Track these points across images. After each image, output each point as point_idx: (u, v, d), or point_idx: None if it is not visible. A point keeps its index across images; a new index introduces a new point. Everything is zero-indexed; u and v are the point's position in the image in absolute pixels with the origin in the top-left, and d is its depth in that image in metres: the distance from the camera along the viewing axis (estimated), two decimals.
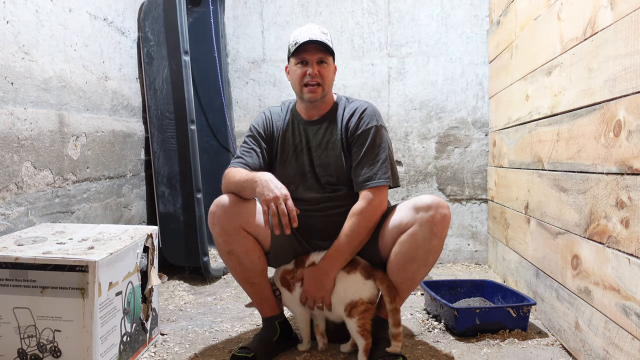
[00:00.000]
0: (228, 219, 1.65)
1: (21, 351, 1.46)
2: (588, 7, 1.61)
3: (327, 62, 1.74)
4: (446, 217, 1.58)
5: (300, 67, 1.72)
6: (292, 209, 1.54)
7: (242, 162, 1.76)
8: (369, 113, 1.75)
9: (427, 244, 1.59)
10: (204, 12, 3.09)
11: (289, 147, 1.82)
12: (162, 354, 1.79)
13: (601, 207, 1.50)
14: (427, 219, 1.57)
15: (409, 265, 1.63)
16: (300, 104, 1.83)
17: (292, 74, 1.77)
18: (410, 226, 1.61)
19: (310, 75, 1.71)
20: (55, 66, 2.01)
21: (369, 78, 3.21)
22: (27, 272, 1.44)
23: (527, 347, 1.82)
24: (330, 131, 1.78)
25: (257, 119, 1.88)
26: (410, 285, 1.67)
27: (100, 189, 2.37)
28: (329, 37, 1.76)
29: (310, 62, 1.71)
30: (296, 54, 1.72)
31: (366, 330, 1.62)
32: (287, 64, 1.81)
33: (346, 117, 1.78)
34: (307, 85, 1.72)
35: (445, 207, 1.59)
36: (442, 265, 3.19)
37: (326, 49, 1.72)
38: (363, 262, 1.69)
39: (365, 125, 1.73)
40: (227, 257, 1.71)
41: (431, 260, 1.64)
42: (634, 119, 1.31)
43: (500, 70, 2.79)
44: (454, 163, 3.19)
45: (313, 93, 1.72)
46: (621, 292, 1.37)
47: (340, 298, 1.65)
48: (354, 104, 1.81)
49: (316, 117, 1.81)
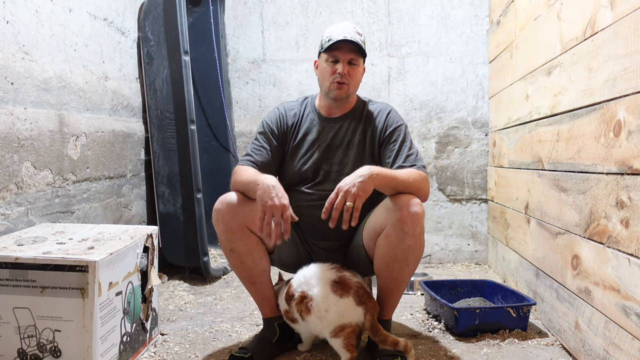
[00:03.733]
0: (232, 216, 1.65)
1: (21, 351, 1.46)
2: (588, 7, 1.61)
3: (358, 63, 1.76)
4: (416, 214, 1.55)
5: (331, 64, 1.74)
6: (287, 219, 1.52)
7: (251, 161, 1.77)
8: (395, 113, 1.83)
9: (402, 244, 1.58)
10: (204, 12, 3.09)
11: (305, 143, 1.82)
12: (162, 354, 1.79)
13: (601, 207, 1.50)
14: (398, 219, 1.56)
15: (391, 266, 1.63)
16: (323, 100, 1.84)
17: (322, 70, 1.78)
18: (383, 227, 1.61)
19: (340, 74, 1.72)
20: (55, 66, 2.01)
21: (369, 78, 3.21)
22: (27, 272, 1.44)
23: (527, 347, 1.82)
24: (352, 130, 1.81)
25: (269, 115, 1.88)
26: (399, 285, 1.67)
27: (100, 189, 2.37)
28: (364, 38, 1.77)
29: (342, 61, 1.73)
30: (328, 50, 1.73)
31: (352, 345, 1.58)
32: (316, 59, 1.83)
33: (370, 117, 1.81)
34: (334, 82, 1.74)
35: (415, 204, 1.56)
36: (442, 265, 3.19)
37: (359, 50, 1.73)
38: (355, 284, 1.60)
39: (395, 124, 1.79)
40: (229, 254, 1.71)
41: (412, 259, 1.62)
42: (634, 119, 1.31)
43: (500, 70, 2.79)
44: (454, 163, 3.19)
45: (339, 90, 1.75)
46: (621, 292, 1.37)
47: (329, 321, 1.58)
48: (376, 105, 1.86)
49: (337, 115, 1.82)
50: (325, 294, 1.58)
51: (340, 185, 1.52)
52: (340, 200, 1.49)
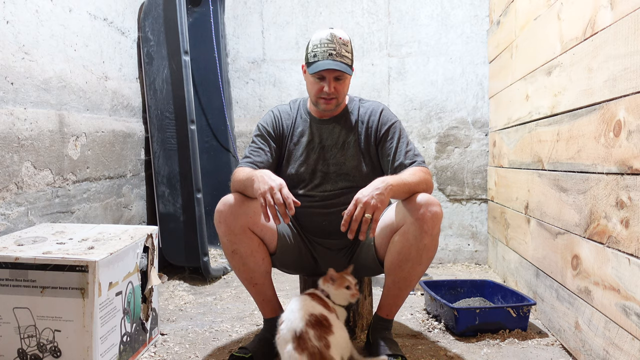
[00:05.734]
0: (234, 218, 1.65)
1: (21, 351, 1.46)
2: (588, 7, 1.61)
3: (344, 77, 1.75)
4: (436, 214, 1.58)
5: (318, 81, 1.73)
6: (287, 196, 1.49)
7: (250, 161, 1.77)
8: (387, 111, 1.84)
9: (419, 242, 1.59)
10: (204, 12, 3.09)
11: (301, 145, 1.83)
12: (162, 354, 1.79)
13: (601, 207, 1.50)
14: (417, 217, 1.57)
15: (403, 265, 1.63)
16: (313, 105, 1.84)
17: (308, 83, 1.79)
18: (401, 225, 1.62)
19: (326, 92, 1.72)
20: (55, 66, 2.01)
21: (369, 78, 3.21)
22: (27, 272, 1.44)
23: (527, 347, 1.82)
24: (346, 131, 1.82)
25: (264, 118, 1.88)
26: (408, 284, 1.68)
27: (100, 189, 2.37)
28: (350, 47, 1.75)
29: (328, 79, 1.72)
30: (314, 69, 1.71)
31: None
32: (304, 64, 1.80)
33: (363, 117, 1.82)
34: (321, 97, 1.74)
35: (435, 204, 1.58)
36: (442, 265, 3.19)
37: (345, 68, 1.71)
38: (311, 348, 1.44)
39: (389, 121, 1.80)
40: (231, 256, 1.71)
41: (425, 258, 1.63)
42: (634, 119, 1.31)
43: (500, 70, 2.79)
44: (454, 163, 3.19)
45: (328, 104, 1.76)
46: (621, 292, 1.37)
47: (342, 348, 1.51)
48: (368, 104, 1.86)
49: (330, 116, 1.84)
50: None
51: (358, 197, 1.50)
52: (359, 212, 1.48)
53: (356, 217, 1.47)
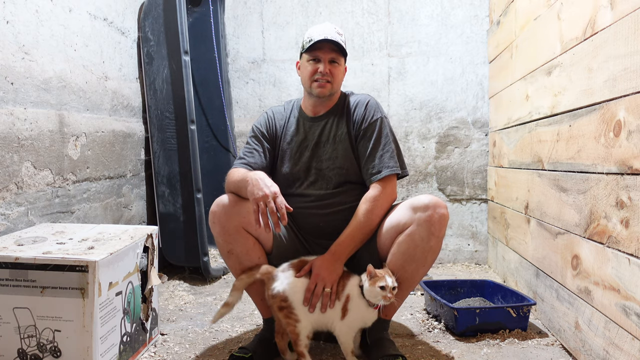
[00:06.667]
0: (228, 218, 1.66)
1: (21, 351, 1.46)
2: (588, 7, 1.61)
3: (339, 62, 1.79)
4: (444, 216, 1.59)
5: (313, 63, 1.77)
6: (281, 206, 1.52)
7: (244, 163, 1.78)
8: (372, 105, 1.82)
9: (425, 244, 1.59)
10: (204, 12, 3.09)
11: (294, 144, 1.84)
12: (162, 354, 1.79)
13: (601, 207, 1.50)
14: (425, 219, 1.58)
15: (407, 265, 1.63)
16: (308, 100, 1.86)
17: (303, 70, 1.82)
18: (408, 226, 1.62)
19: (321, 72, 1.76)
20: (55, 66, 2.01)
21: (369, 78, 3.21)
22: (27, 272, 1.44)
23: (527, 347, 1.82)
24: (337, 124, 1.83)
25: (259, 119, 1.91)
26: (410, 285, 1.68)
27: (100, 189, 2.37)
28: (344, 38, 1.80)
29: (323, 60, 1.76)
30: (309, 50, 1.76)
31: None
32: (298, 60, 1.86)
33: (351, 108, 1.83)
34: (316, 80, 1.77)
35: (443, 206, 1.60)
36: (442, 265, 3.19)
37: (339, 50, 1.76)
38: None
39: (371, 117, 1.79)
40: (227, 256, 1.72)
41: (430, 260, 1.64)
42: (634, 119, 1.31)
43: (500, 70, 2.79)
44: (454, 163, 3.19)
45: (322, 88, 1.78)
46: (621, 292, 1.37)
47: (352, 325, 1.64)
48: (355, 96, 1.87)
49: (322, 113, 1.85)
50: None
51: (317, 272, 1.62)
52: (318, 289, 1.61)
53: (316, 293, 1.60)
